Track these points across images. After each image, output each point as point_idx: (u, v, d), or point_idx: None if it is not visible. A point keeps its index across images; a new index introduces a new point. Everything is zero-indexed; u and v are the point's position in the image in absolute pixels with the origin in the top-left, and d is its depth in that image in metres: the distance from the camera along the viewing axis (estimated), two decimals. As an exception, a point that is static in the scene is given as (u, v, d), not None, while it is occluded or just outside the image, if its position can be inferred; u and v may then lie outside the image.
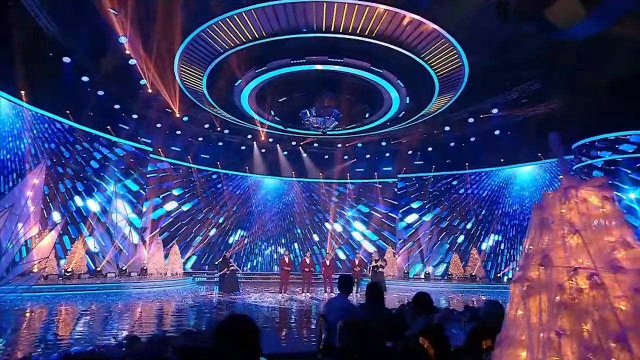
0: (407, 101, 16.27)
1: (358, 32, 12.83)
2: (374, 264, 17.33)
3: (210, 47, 13.77)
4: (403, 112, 17.54)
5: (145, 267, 16.80)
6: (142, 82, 15.23)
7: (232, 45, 13.64)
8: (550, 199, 2.12)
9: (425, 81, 14.96)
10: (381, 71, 14.24)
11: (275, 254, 22.73)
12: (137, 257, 17.08)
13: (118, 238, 16.55)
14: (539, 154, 19.41)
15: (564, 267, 1.85)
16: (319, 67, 14.27)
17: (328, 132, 19.78)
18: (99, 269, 15.10)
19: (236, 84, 15.54)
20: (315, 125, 16.86)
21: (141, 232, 17.78)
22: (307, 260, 15.43)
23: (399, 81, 14.85)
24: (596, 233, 1.93)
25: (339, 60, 13.74)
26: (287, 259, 15.17)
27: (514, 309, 1.99)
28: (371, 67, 14.11)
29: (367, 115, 17.68)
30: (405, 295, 14.98)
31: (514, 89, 16.12)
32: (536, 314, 1.82)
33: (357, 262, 16.39)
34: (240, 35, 13.32)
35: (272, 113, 17.66)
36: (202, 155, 21.64)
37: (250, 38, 13.40)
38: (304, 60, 13.92)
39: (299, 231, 23.90)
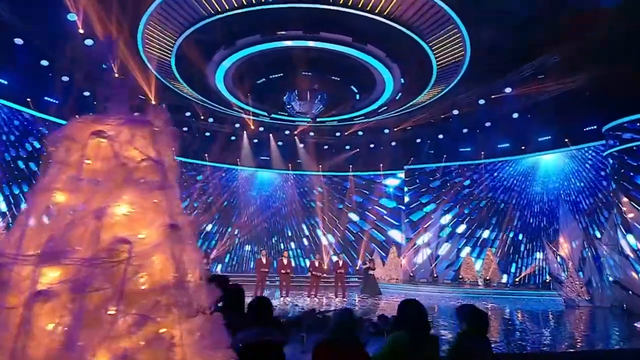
0: (402, 81, 15.27)
1: (341, 2, 11.97)
2: (366, 265, 16.74)
3: (175, 21, 13.21)
4: (400, 94, 16.53)
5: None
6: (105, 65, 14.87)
7: (198, 18, 13.01)
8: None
9: (419, 57, 13.92)
10: (365, 46, 13.31)
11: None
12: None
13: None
14: (566, 140, 17.98)
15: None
16: (290, 43, 13.49)
17: (323, 119, 19.20)
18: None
19: (207, 65, 14.99)
20: (299, 111, 16.13)
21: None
22: (285, 261, 14.89)
23: (388, 58, 13.88)
24: (83, 194, 1.40)
25: (314, 35, 12.90)
26: (263, 259, 14.64)
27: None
28: (353, 42, 13.20)
29: (357, 98, 16.77)
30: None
31: (528, 64, 14.80)
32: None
33: (340, 263, 15.67)
34: (209, 6, 12.66)
35: (251, 97, 17.02)
36: (186, 147, 21.19)
37: (219, 10, 12.73)
38: (275, 36, 13.16)
39: (293, 229, 23.33)
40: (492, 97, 17.01)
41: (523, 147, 19.45)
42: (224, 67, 15.18)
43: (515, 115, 18.52)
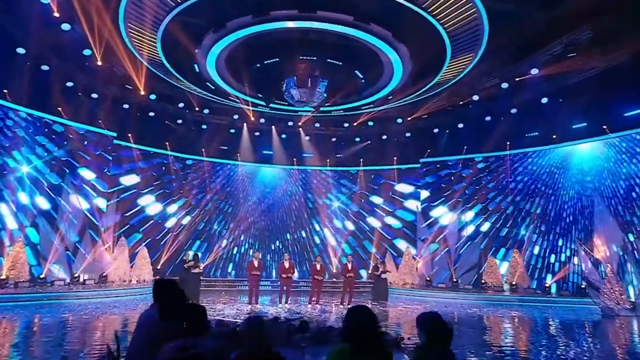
0: (412, 64, 14.60)
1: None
2: (378, 271, 16.22)
3: (159, 3, 12.78)
4: (410, 79, 15.85)
5: (105, 274, 16.43)
6: (87, 52, 14.63)
7: None
8: None
9: (430, 36, 13.20)
10: (368, 25, 12.68)
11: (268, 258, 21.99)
12: (94, 261, 16.73)
13: (71, 240, 16.25)
14: (604, 127, 16.98)
15: None
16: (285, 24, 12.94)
17: (328, 108, 18.69)
18: (42, 275, 14.84)
19: (197, 50, 14.61)
20: (299, 99, 15.58)
21: (102, 233, 17.42)
22: (286, 264, 14.52)
23: (394, 38, 13.23)
24: None
25: (311, 14, 12.35)
26: (255, 262, 14.29)
27: None
28: (355, 22, 12.59)
29: (363, 83, 16.16)
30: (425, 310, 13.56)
31: (557, 41, 13.92)
32: None
33: (349, 266, 15.18)
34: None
35: (247, 85, 16.59)
36: (181, 141, 20.97)
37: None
38: (268, 17, 12.66)
39: (297, 229, 22.90)
40: (517, 79, 16.15)
41: (554, 136, 18.52)
42: (214, 53, 14.76)
43: (545, 100, 17.61)
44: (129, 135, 19.14)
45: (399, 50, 13.90)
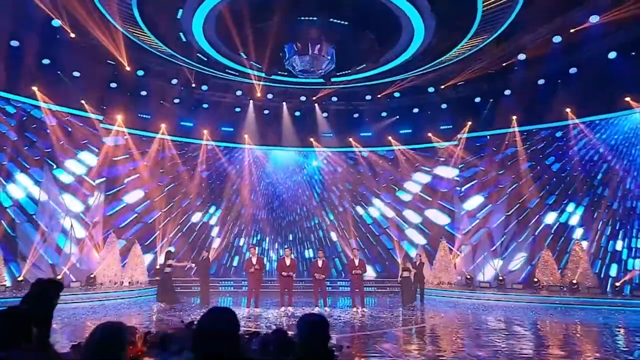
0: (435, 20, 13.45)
1: None
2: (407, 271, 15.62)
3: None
4: (434, 40, 14.69)
5: (92, 275, 16.43)
6: (55, 23, 14.31)
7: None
8: None
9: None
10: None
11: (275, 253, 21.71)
12: (80, 261, 16.76)
13: (53, 237, 16.29)
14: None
15: None
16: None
17: (341, 79, 17.88)
18: (21, 278, 14.92)
19: (180, 14, 14.03)
20: (302, 69, 14.73)
21: (89, 229, 17.40)
22: (287, 261, 14.05)
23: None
24: None
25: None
26: (253, 259, 13.85)
27: None
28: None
29: (377, 47, 15.15)
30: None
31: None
32: None
33: (356, 262, 14.45)
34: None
35: (242, 54, 15.90)
36: (179, 123, 20.69)
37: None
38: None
39: (306, 222, 22.54)
40: (572, 31, 14.56)
41: (627, 98, 16.77)
42: (201, 15, 14.10)
43: (612, 55, 15.88)
44: (118, 117, 18.93)
45: (415, 3, 12.74)
